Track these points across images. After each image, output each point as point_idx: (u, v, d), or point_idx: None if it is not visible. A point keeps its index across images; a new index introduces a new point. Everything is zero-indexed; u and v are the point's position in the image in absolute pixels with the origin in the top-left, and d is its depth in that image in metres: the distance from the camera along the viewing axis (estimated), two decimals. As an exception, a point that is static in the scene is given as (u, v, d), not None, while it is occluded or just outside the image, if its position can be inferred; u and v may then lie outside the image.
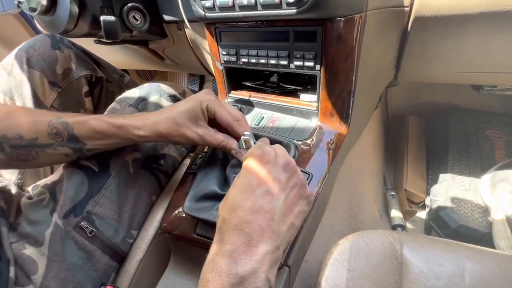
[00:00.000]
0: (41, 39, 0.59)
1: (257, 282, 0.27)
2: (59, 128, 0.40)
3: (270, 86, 0.61)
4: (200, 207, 0.41)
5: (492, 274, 0.38)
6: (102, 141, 0.42)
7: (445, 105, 1.05)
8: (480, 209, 0.77)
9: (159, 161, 0.54)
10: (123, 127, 0.41)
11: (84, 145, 0.42)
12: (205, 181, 0.44)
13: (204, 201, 0.42)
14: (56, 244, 0.43)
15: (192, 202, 0.42)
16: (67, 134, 0.41)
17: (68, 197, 0.45)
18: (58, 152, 0.42)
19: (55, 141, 0.41)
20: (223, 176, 0.45)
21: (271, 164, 0.32)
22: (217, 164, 0.46)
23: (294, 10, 0.40)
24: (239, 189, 0.31)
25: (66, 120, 0.41)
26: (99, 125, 0.41)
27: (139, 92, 0.55)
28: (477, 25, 0.45)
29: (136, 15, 0.58)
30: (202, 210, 0.41)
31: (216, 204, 0.41)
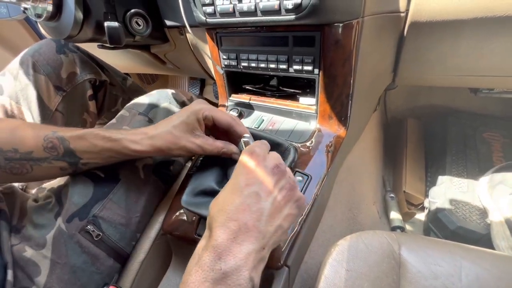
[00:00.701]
0: (46, 43, 0.60)
1: (239, 280, 0.27)
2: (55, 142, 0.40)
3: (270, 89, 0.62)
4: (197, 202, 0.41)
5: (488, 274, 0.38)
6: (98, 156, 0.42)
7: (443, 108, 1.06)
8: (478, 210, 0.78)
9: (169, 167, 0.54)
10: (120, 142, 0.41)
11: (80, 159, 0.42)
12: (203, 177, 0.44)
13: (202, 197, 0.42)
14: (59, 246, 0.43)
15: (190, 196, 0.42)
16: (63, 148, 0.41)
17: (72, 202, 0.45)
18: (53, 166, 0.41)
19: (51, 155, 0.41)
20: (222, 174, 0.45)
21: (260, 166, 0.32)
22: (216, 162, 0.46)
23: (293, 16, 0.41)
24: (229, 188, 0.32)
25: (63, 134, 0.41)
26: (94, 138, 0.41)
27: (148, 100, 0.55)
28: (471, 30, 0.46)
29: (139, 21, 0.59)
30: (199, 205, 0.41)
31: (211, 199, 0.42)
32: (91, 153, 0.41)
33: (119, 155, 0.42)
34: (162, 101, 0.56)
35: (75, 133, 0.41)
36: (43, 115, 0.58)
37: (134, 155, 0.42)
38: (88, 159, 0.42)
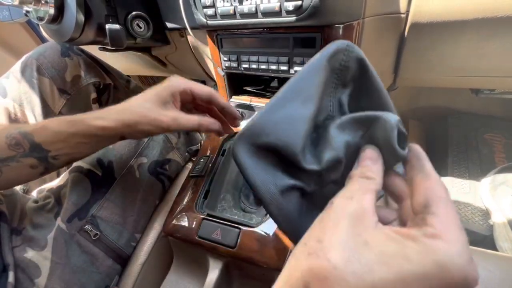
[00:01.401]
0: (51, 46, 0.61)
1: None
2: (18, 138, 0.37)
3: (270, 91, 0.62)
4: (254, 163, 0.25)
5: (492, 276, 0.38)
6: (66, 144, 0.38)
7: (444, 109, 1.06)
8: (481, 212, 0.77)
9: (164, 166, 0.54)
10: (83, 121, 0.37)
11: (48, 152, 0.38)
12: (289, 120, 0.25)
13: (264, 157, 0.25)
14: (60, 247, 0.43)
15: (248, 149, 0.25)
16: (28, 143, 0.38)
17: (71, 202, 0.45)
18: (22, 164, 0.38)
19: (17, 152, 0.38)
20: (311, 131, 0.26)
21: None
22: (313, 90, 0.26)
23: (294, 17, 0.41)
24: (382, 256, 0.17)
25: (25, 129, 0.38)
26: (58, 125, 0.38)
27: None
28: (472, 31, 0.46)
29: (140, 23, 0.59)
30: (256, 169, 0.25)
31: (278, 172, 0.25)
32: (58, 143, 0.38)
33: (86, 138, 0.38)
34: None
35: (38, 125, 0.39)
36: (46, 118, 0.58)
37: (102, 134, 0.38)
38: (57, 150, 0.38)
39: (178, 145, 0.58)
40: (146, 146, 0.53)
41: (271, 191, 0.24)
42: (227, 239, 0.41)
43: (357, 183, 0.21)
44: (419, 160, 0.22)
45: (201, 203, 0.47)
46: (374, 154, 0.23)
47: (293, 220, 0.25)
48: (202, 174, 0.50)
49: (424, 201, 0.19)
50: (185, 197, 0.48)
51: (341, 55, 0.26)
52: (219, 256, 0.43)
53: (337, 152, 0.24)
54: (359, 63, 0.26)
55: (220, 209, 0.47)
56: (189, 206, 0.47)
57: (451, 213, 0.18)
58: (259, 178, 0.25)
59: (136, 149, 0.51)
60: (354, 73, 0.27)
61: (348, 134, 0.24)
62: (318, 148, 0.25)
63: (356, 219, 0.19)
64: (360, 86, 0.27)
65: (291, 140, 0.24)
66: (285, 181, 0.25)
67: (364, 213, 0.19)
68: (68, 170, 0.49)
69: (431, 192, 0.20)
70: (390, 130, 0.21)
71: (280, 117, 0.24)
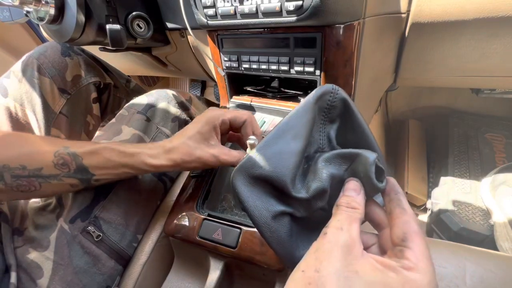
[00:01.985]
0: (51, 46, 0.61)
1: None
2: (66, 158, 0.38)
3: (271, 91, 0.62)
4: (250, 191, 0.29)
5: (493, 276, 0.38)
6: (113, 171, 0.40)
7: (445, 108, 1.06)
8: (481, 211, 0.77)
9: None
10: (137, 157, 0.39)
11: (93, 176, 0.40)
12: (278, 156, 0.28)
13: (259, 185, 0.29)
14: (62, 248, 0.43)
15: (245, 179, 0.29)
16: (76, 164, 0.38)
17: (74, 203, 0.45)
18: (63, 183, 0.39)
19: (61, 171, 0.38)
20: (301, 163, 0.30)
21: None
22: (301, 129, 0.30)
23: (294, 17, 0.41)
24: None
25: (75, 150, 0.39)
26: (110, 154, 0.39)
27: (147, 99, 0.56)
28: (472, 31, 0.46)
29: (140, 23, 0.59)
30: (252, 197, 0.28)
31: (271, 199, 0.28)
32: (105, 169, 0.39)
33: (134, 170, 0.40)
34: (161, 101, 0.56)
35: (88, 148, 0.39)
36: (47, 118, 0.58)
37: (152, 170, 0.40)
38: (101, 175, 0.40)
39: (180, 146, 0.58)
40: None
41: (263, 215, 0.28)
42: (228, 239, 0.41)
43: (344, 212, 0.25)
44: (397, 194, 0.26)
45: (202, 203, 0.47)
46: (357, 185, 0.26)
47: (285, 242, 0.28)
48: (203, 174, 0.50)
49: (402, 235, 0.23)
50: (186, 198, 0.48)
51: (327, 96, 0.31)
52: (220, 256, 0.43)
53: (323, 183, 0.28)
54: (343, 103, 0.31)
55: (221, 209, 0.47)
56: (190, 206, 0.47)
57: (423, 246, 0.22)
58: (253, 204, 0.28)
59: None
60: (340, 111, 0.32)
61: (334, 167, 0.28)
62: (307, 178, 0.29)
63: (347, 249, 0.22)
64: (346, 122, 0.32)
65: (281, 172, 0.28)
66: (276, 207, 0.28)
67: (353, 243, 0.22)
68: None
69: (407, 226, 0.23)
70: (369, 165, 0.25)
71: (272, 152, 0.29)
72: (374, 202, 0.28)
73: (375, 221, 0.27)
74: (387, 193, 0.26)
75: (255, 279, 0.45)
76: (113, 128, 0.53)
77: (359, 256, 0.22)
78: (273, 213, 0.28)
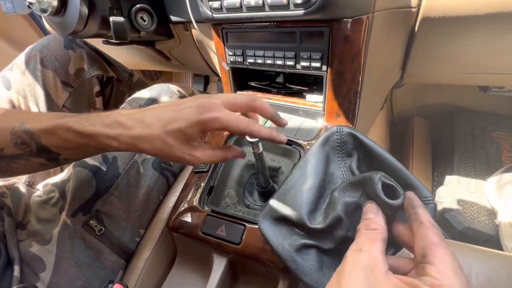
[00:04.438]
0: (54, 38, 0.60)
1: None
2: (24, 137, 0.34)
3: (276, 86, 0.61)
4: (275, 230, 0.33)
5: (499, 276, 0.38)
6: (76, 151, 0.35)
7: (451, 106, 1.04)
8: (486, 211, 0.77)
9: (169, 162, 0.54)
10: (94, 138, 0.33)
11: (59, 155, 0.36)
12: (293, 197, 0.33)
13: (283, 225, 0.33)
14: (65, 241, 0.44)
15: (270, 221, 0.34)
16: (35, 144, 0.35)
17: (76, 196, 0.45)
18: (31, 162, 0.36)
19: (24, 151, 0.35)
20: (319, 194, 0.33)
21: None
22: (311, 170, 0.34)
23: (302, 11, 0.40)
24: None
25: (30, 127, 0.34)
26: (67, 135, 0.33)
27: (149, 93, 0.56)
28: (485, 26, 0.44)
29: (144, 16, 0.58)
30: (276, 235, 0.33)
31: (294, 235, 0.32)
32: (68, 149, 0.35)
33: (98, 150, 0.36)
34: (163, 95, 0.56)
35: (44, 126, 0.34)
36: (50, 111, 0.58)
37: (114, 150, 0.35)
38: (67, 155, 0.36)
39: (182, 141, 0.57)
40: None
41: (286, 249, 0.31)
42: (231, 236, 0.41)
43: (363, 235, 0.24)
44: (413, 208, 0.24)
45: (205, 199, 0.47)
46: (373, 207, 0.26)
47: (313, 273, 0.30)
48: (206, 170, 0.50)
49: (421, 250, 0.22)
50: (189, 193, 0.48)
51: (334, 136, 0.35)
52: (223, 252, 0.43)
53: (337, 211, 0.29)
54: (352, 136, 0.35)
55: (224, 205, 0.47)
56: (193, 202, 0.46)
57: (446, 258, 0.21)
58: (277, 242, 0.32)
59: None
60: (353, 144, 0.35)
61: (348, 195, 0.30)
62: (327, 210, 0.32)
63: (367, 269, 0.21)
64: (362, 152, 0.34)
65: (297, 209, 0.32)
66: (299, 241, 0.31)
67: (375, 263, 0.22)
68: (72, 164, 0.49)
69: (425, 240, 0.22)
70: (375, 185, 0.26)
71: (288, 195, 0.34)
72: (400, 222, 0.26)
73: (403, 242, 0.26)
74: (406, 208, 0.25)
75: (259, 276, 0.44)
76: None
77: (381, 276, 0.21)
78: (295, 247, 0.31)
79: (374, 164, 0.33)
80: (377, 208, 0.26)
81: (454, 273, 0.20)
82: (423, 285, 0.20)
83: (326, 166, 0.35)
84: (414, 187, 0.29)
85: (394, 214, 0.26)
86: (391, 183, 0.26)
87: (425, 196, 0.28)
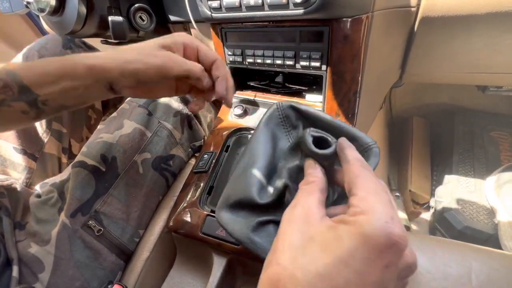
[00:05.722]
0: (53, 38, 0.60)
1: None
2: (7, 80, 0.34)
3: (275, 86, 0.61)
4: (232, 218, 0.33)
5: (499, 275, 0.38)
6: (55, 87, 0.34)
7: (450, 106, 1.05)
8: (485, 210, 0.77)
9: (168, 162, 0.54)
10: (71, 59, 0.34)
11: (38, 96, 0.35)
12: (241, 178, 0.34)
13: (238, 210, 0.33)
14: (63, 242, 0.43)
15: (225, 210, 0.33)
16: (16, 85, 0.34)
17: (75, 197, 0.45)
18: (14, 109, 0.35)
19: (6, 96, 0.34)
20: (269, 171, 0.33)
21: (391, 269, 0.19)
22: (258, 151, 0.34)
23: (302, 10, 0.40)
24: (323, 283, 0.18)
25: (12, 69, 0.34)
26: (46, 64, 0.34)
27: None
28: (484, 26, 0.44)
29: (143, 16, 0.58)
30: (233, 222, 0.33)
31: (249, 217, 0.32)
32: (46, 86, 0.34)
33: (74, 81, 0.34)
34: None
35: (26, 64, 0.35)
36: None
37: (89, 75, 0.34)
38: (45, 95, 0.35)
39: (182, 141, 0.57)
40: (149, 142, 0.52)
41: (243, 232, 0.31)
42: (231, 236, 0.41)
43: (300, 191, 0.24)
44: (342, 151, 0.25)
45: (205, 199, 0.47)
46: (310, 162, 0.26)
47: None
48: (206, 170, 0.49)
49: (348, 186, 0.22)
50: (188, 193, 0.48)
51: (275, 113, 0.36)
52: (223, 252, 0.43)
53: (283, 180, 0.30)
54: (292, 108, 0.35)
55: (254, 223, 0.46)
56: (192, 202, 0.46)
57: (367, 185, 0.21)
58: (236, 227, 0.32)
59: (139, 145, 0.51)
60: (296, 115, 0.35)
61: (290, 161, 0.31)
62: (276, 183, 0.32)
63: (302, 220, 0.21)
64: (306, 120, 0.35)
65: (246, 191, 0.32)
66: (254, 221, 0.31)
67: (308, 213, 0.22)
68: (71, 164, 0.49)
69: (349, 174, 0.23)
70: (306, 140, 0.26)
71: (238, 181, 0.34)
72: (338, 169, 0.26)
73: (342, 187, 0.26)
74: (338, 154, 0.25)
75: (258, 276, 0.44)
76: (114, 122, 0.52)
77: (316, 223, 0.21)
78: (252, 227, 0.31)
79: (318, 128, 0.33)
80: (314, 162, 0.26)
81: (375, 196, 0.20)
82: (347, 217, 0.20)
83: (274, 143, 0.35)
84: (356, 137, 0.30)
85: (332, 163, 0.27)
86: (321, 135, 0.27)
87: (367, 143, 0.29)
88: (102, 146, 0.49)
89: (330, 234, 0.20)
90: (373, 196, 0.20)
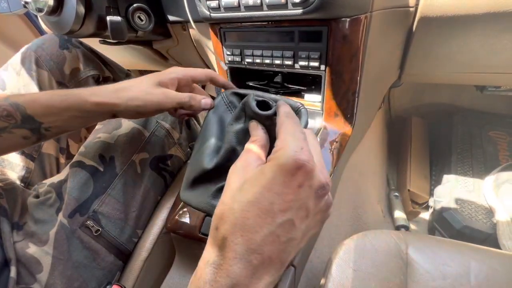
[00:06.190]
0: (50, 38, 0.60)
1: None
2: (10, 109, 0.37)
3: (274, 86, 0.61)
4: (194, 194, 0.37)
5: (498, 275, 0.38)
6: (59, 117, 0.38)
7: (448, 106, 1.05)
8: (484, 210, 0.77)
9: (166, 162, 0.54)
10: (78, 95, 0.38)
11: (41, 124, 0.38)
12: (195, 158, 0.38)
13: (197, 185, 0.37)
14: (61, 242, 0.43)
15: (187, 190, 0.38)
16: (20, 115, 0.37)
17: (73, 197, 0.45)
18: (15, 135, 0.38)
19: (9, 123, 0.37)
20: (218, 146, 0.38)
21: (305, 188, 0.23)
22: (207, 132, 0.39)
23: (300, 10, 0.40)
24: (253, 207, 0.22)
25: (15, 100, 0.37)
26: (50, 98, 0.38)
27: None
28: (482, 26, 0.44)
29: (141, 16, 0.58)
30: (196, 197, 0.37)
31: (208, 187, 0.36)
32: (50, 116, 0.38)
33: (80, 113, 0.39)
34: None
35: (30, 97, 0.38)
36: None
37: (95, 109, 0.39)
38: (49, 122, 0.38)
39: (180, 141, 0.57)
40: (148, 142, 0.52)
41: (206, 201, 0.35)
42: (230, 236, 0.41)
43: (244, 150, 0.28)
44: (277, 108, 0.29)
45: (204, 199, 0.47)
46: (254, 124, 0.31)
47: None
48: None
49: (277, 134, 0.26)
50: (187, 193, 0.48)
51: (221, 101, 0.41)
52: (222, 253, 0.43)
53: (230, 143, 0.33)
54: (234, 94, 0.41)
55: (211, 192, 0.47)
56: (191, 202, 0.46)
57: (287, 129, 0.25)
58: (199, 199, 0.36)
59: (138, 145, 0.51)
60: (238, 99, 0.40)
61: (236, 125, 0.33)
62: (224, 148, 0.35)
63: (241, 170, 0.25)
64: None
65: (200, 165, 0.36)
66: (213, 189, 0.35)
67: (246, 163, 0.26)
68: (69, 164, 0.49)
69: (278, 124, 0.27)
70: (250, 103, 0.30)
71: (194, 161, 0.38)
72: None
73: None
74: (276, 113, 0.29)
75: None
76: (112, 122, 0.52)
77: (251, 169, 0.25)
78: (212, 195, 0.35)
79: None
80: (257, 123, 0.30)
81: (291, 136, 0.24)
82: (271, 156, 0.24)
83: (222, 125, 0.39)
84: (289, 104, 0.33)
85: (274, 123, 0.29)
86: (263, 98, 0.31)
87: (297, 106, 0.34)
88: (100, 146, 0.49)
89: (258, 172, 0.24)
90: (290, 136, 0.25)
